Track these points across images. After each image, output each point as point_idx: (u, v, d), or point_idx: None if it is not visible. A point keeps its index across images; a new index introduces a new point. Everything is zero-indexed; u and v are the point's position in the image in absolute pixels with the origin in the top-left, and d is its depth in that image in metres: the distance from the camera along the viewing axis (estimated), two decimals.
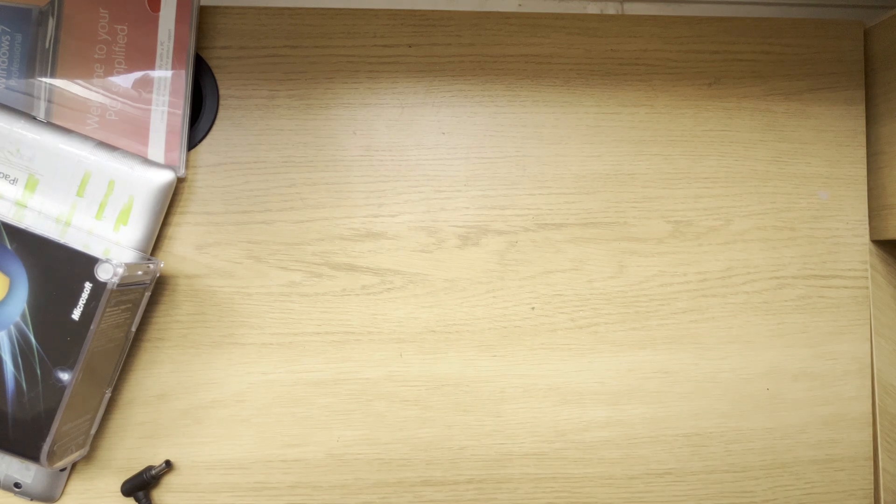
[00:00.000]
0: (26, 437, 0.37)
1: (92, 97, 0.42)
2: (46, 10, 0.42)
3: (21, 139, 0.40)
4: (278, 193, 0.44)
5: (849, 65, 0.47)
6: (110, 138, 0.42)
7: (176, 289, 0.44)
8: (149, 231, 0.42)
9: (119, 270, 0.36)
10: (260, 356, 0.44)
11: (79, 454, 0.41)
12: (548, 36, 0.46)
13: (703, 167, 0.47)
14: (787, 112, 0.47)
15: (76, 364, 0.36)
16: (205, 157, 0.44)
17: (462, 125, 0.45)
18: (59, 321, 0.36)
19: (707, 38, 0.47)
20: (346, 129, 0.45)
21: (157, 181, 0.41)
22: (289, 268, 0.44)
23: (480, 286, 0.45)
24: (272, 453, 0.44)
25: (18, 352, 0.37)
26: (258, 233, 0.44)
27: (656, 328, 0.46)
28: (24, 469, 0.42)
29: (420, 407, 0.45)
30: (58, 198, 0.40)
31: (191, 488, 0.44)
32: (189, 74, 0.42)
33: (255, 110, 0.45)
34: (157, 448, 0.44)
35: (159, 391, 0.44)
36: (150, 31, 0.42)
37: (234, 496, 0.44)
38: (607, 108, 0.46)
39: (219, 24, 0.45)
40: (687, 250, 0.46)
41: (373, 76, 0.45)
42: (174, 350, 0.44)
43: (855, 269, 0.47)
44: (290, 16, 0.45)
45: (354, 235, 0.45)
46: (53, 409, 0.37)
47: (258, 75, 0.45)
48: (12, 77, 0.41)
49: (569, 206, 0.46)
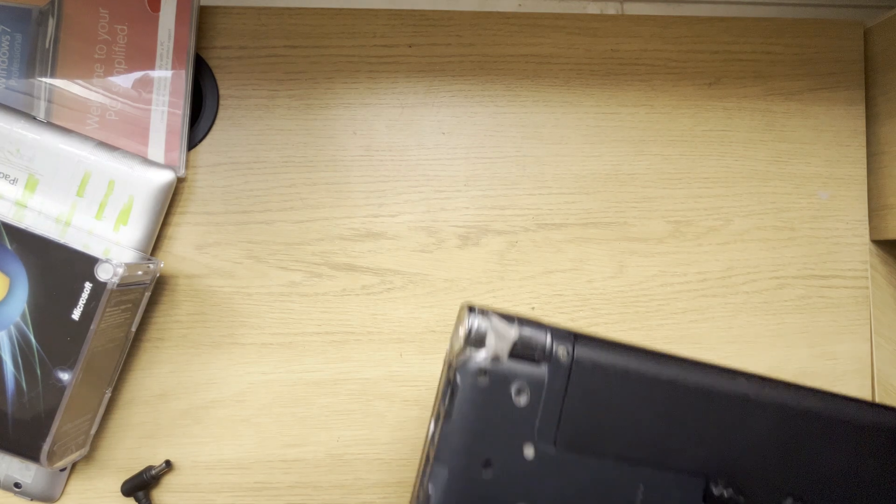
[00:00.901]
0: (26, 437, 0.37)
1: (92, 97, 0.42)
2: (46, 10, 0.42)
3: (21, 139, 0.40)
4: (278, 193, 0.44)
5: (849, 65, 0.47)
6: (110, 138, 0.42)
7: (176, 289, 0.44)
8: (149, 231, 0.42)
9: (119, 270, 0.36)
10: (260, 356, 0.44)
11: (79, 454, 0.41)
12: (548, 36, 0.46)
13: (703, 167, 0.47)
14: (787, 112, 0.47)
15: (76, 364, 0.36)
16: (205, 157, 0.44)
17: (462, 125, 0.45)
18: (59, 321, 0.36)
19: (707, 38, 0.47)
20: (346, 129, 0.45)
21: (157, 181, 0.41)
22: (289, 268, 0.44)
23: (480, 286, 0.45)
24: (272, 453, 0.44)
25: (18, 352, 0.37)
26: (258, 233, 0.44)
27: (656, 328, 0.46)
28: (24, 469, 0.42)
29: (420, 407, 0.45)
30: (58, 198, 0.40)
31: (191, 488, 0.44)
32: (189, 74, 0.42)
33: (255, 110, 0.45)
34: (157, 448, 0.44)
35: (159, 391, 0.44)
36: (150, 31, 0.42)
37: (234, 496, 0.44)
38: (607, 108, 0.46)
39: (219, 24, 0.45)
40: (687, 250, 0.46)
41: (373, 76, 0.45)
42: (174, 350, 0.44)
43: (855, 269, 0.47)
44: (290, 16, 0.45)
45: (354, 235, 0.45)
46: (53, 409, 0.37)
47: (258, 75, 0.45)
48: (12, 77, 0.41)
49: (569, 206, 0.46)
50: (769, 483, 0.29)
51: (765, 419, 0.29)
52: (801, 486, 0.29)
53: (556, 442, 0.27)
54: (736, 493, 0.29)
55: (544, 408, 0.27)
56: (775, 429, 0.29)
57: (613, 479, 0.28)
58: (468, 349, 0.27)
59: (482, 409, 0.26)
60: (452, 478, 0.26)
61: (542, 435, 0.27)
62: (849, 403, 0.30)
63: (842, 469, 0.30)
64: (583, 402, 0.27)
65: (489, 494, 0.26)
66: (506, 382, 0.27)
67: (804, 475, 0.29)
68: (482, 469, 0.26)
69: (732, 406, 0.29)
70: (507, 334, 0.27)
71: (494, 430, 0.26)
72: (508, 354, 0.27)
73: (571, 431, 0.27)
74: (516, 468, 0.26)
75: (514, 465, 0.26)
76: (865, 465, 0.30)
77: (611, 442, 0.28)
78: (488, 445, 0.26)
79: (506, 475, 0.26)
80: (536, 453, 0.27)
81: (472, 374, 0.26)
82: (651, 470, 0.28)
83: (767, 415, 0.29)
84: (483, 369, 0.26)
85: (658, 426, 0.28)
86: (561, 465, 0.27)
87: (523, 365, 0.27)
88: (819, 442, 0.29)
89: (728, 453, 0.29)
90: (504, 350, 0.27)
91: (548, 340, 0.27)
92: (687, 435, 0.29)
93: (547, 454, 0.27)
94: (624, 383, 0.28)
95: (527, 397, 0.27)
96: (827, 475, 0.30)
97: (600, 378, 0.28)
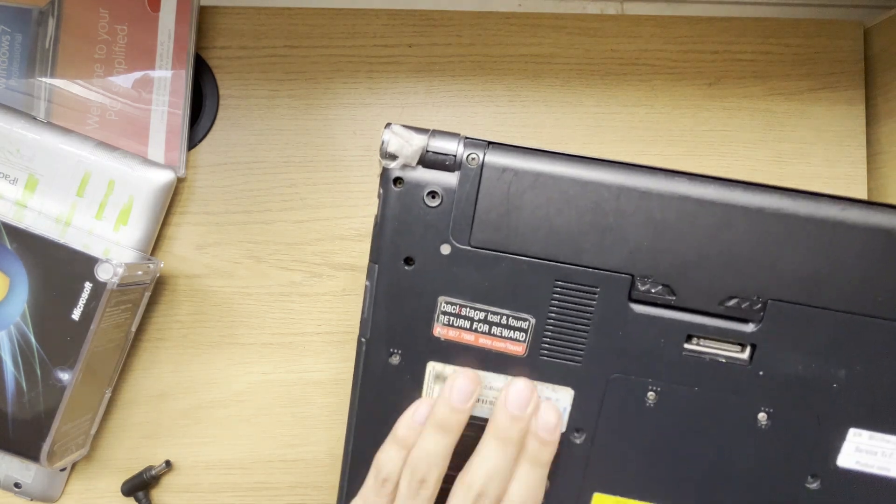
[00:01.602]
0: (26, 437, 0.37)
1: (92, 97, 0.42)
2: (46, 10, 0.42)
3: (21, 139, 0.40)
4: (278, 193, 0.44)
5: (849, 65, 0.47)
6: (110, 138, 0.42)
7: (176, 289, 0.44)
8: (149, 231, 0.42)
9: (119, 270, 0.36)
10: (260, 356, 0.44)
11: (79, 454, 0.41)
12: (548, 36, 0.46)
13: (704, 167, 0.47)
14: (787, 112, 0.47)
15: (76, 364, 0.36)
16: (205, 157, 0.44)
17: (462, 125, 0.45)
18: (59, 321, 0.36)
19: (707, 38, 0.47)
20: (346, 129, 0.45)
21: (157, 181, 0.41)
22: (289, 268, 0.44)
23: None
24: (272, 453, 0.44)
25: (18, 352, 0.37)
26: (258, 233, 0.44)
27: None
28: (24, 469, 0.42)
29: None
30: (58, 198, 0.40)
31: (191, 488, 0.44)
32: (189, 74, 0.42)
33: (255, 110, 0.45)
34: (157, 448, 0.44)
35: (159, 391, 0.44)
36: (150, 31, 0.42)
37: (234, 496, 0.44)
38: (607, 108, 0.46)
39: (219, 24, 0.45)
40: None
41: (373, 76, 0.45)
42: (174, 350, 0.44)
43: None
44: (290, 16, 0.45)
45: (354, 235, 0.45)
46: (53, 409, 0.37)
47: (258, 75, 0.45)
48: (12, 77, 0.41)
49: None
50: (708, 283, 0.29)
51: (706, 218, 0.28)
52: (747, 288, 0.29)
53: (469, 241, 0.29)
54: (666, 291, 0.29)
55: (457, 210, 0.29)
56: (717, 228, 0.28)
57: (527, 273, 0.29)
58: (385, 160, 0.29)
59: (401, 213, 0.29)
60: (382, 272, 0.30)
61: (457, 235, 0.29)
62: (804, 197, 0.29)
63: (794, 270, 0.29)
64: (495, 205, 0.29)
65: (412, 285, 0.30)
66: (419, 188, 0.29)
67: (750, 276, 0.29)
68: (405, 265, 0.30)
69: (665, 206, 0.29)
70: (417, 143, 0.29)
71: (413, 230, 0.30)
72: (419, 162, 0.29)
73: (484, 231, 0.29)
74: (434, 264, 0.30)
75: (432, 261, 0.30)
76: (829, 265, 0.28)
77: (525, 241, 0.29)
78: (409, 244, 0.30)
79: (426, 270, 0.30)
80: (452, 251, 0.30)
81: (389, 182, 0.29)
82: (570, 267, 0.29)
83: (708, 213, 0.28)
84: (398, 177, 0.29)
85: (577, 227, 0.29)
86: (476, 261, 0.29)
87: (436, 172, 0.29)
88: (774, 243, 0.28)
89: (660, 254, 0.29)
90: (414, 157, 0.29)
91: (459, 148, 0.29)
92: (611, 236, 0.29)
93: (461, 252, 0.29)
94: (538, 185, 0.29)
95: (440, 201, 0.29)
96: (784, 276, 0.29)
97: (513, 181, 0.29)
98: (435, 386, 0.31)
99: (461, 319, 0.30)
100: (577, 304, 0.30)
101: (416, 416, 0.30)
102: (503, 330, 0.30)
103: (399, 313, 0.31)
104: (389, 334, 0.31)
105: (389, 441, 0.30)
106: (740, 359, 0.30)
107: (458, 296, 0.30)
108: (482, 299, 0.30)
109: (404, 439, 0.30)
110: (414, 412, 0.30)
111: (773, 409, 0.30)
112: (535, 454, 0.29)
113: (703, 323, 0.29)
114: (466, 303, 0.30)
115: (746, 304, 0.29)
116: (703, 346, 0.30)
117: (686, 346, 0.30)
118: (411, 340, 0.31)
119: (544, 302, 0.30)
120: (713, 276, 0.29)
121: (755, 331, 0.29)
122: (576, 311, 0.30)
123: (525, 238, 0.29)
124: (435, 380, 0.31)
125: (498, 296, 0.30)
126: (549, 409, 0.30)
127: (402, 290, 0.30)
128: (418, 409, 0.30)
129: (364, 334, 0.32)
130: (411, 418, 0.30)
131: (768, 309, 0.29)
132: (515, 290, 0.30)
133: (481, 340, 0.30)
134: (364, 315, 0.31)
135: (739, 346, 0.30)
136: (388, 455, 0.30)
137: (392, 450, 0.30)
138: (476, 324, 0.30)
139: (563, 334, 0.30)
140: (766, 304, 0.29)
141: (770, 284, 0.29)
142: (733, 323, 0.29)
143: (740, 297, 0.29)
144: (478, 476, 0.28)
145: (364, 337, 0.32)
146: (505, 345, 0.30)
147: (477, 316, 0.30)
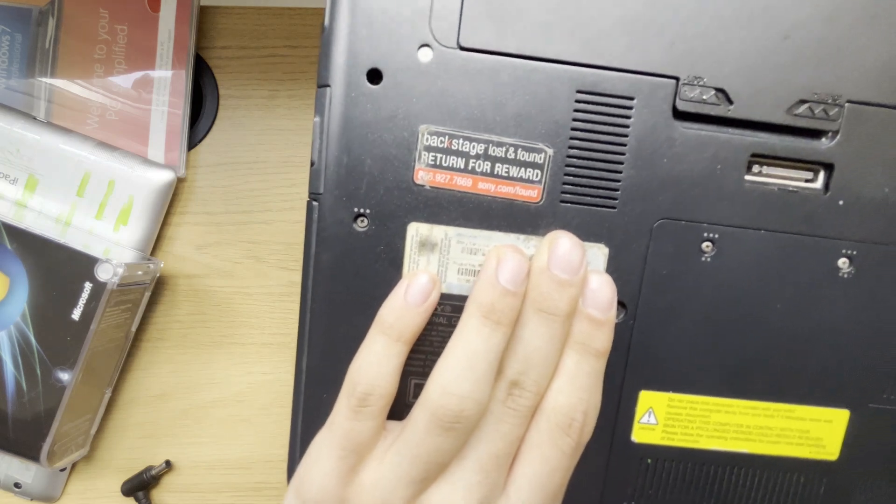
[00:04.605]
0: (26, 437, 0.37)
1: (92, 97, 0.42)
2: (46, 10, 0.42)
3: (21, 139, 0.40)
4: (278, 193, 0.44)
5: None
6: (110, 138, 0.42)
7: (176, 289, 0.44)
8: (149, 231, 0.42)
9: (119, 270, 0.36)
10: (260, 356, 0.44)
11: (79, 454, 0.41)
12: None
13: None
14: None
15: (76, 364, 0.36)
16: (205, 157, 0.44)
17: None
18: (59, 321, 0.36)
19: None
20: None
21: (157, 181, 0.41)
22: (289, 268, 0.44)
23: None
24: (272, 453, 0.44)
25: (18, 352, 0.37)
26: (258, 233, 0.44)
27: None
28: (24, 469, 0.42)
29: None
30: (58, 198, 0.40)
31: (191, 488, 0.44)
32: (189, 74, 0.42)
33: (255, 110, 0.45)
34: (157, 448, 0.44)
35: (159, 391, 0.44)
36: (150, 31, 0.42)
37: (234, 496, 0.44)
38: None
39: (219, 24, 0.45)
40: None
41: None
42: (174, 350, 0.44)
43: None
44: (290, 16, 0.45)
45: None
46: (53, 409, 0.37)
47: (258, 75, 0.45)
48: (12, 77, 0.41)
49: None
50: (772, 84, 0.22)
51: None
52: (820, 86, 0.23)
53: (458, 41, 0.22)
54: (721, 98, 0.23)
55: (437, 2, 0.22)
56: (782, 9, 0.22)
57: (539, 84, 0.22)
58: None
59: (360, 5, 0.22)
60: (336, 97, 0.22)
61: (440, 33, 0.22)
62: None
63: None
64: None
65: (380, 111, 0.22)
66: None
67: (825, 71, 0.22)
68: (369, 83, 0.22)
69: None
70: None
71: (377, 31, 0.22)
72: None
73: (478, 26, 0.22)
74: (411, 78, 0.22)
75: (407, 74, 0.22)
76: None
77: (534, 37, 0.22)
78: (373, 51, 0.22)
79: (399, 88, 0.22)
80: (434, 56, 0.22)
81: None
82: (596, 71, 0.22)
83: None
84: None
85: (603, 14, 0.22)
86: (468, 70, 0.22)
87: None
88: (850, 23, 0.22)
89: (712, 47, 0.22)
90: None
91: None
92: (650, 26, 0.22)
93: (447, 57, 0.22)
94: None
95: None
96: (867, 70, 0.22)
97: None
98: (420, 258, 0.23)
99: (452, 156, 0.22)
100: (607, 123, 0.23)
101: (412, 294, 0.22)
102: (510, 167, 0.22)
103: (364, 155, 0.22)
104: (351, 188, 0.22)
105: (374, 335, 0.22)
106: (813, 188, 0.23)
107: (446, 122, 0.22)
108: (480, 126, 0.22)
109: (395, 327, 0.21)
110: (406, 289, 0.22)
111: (855, 252, 0.23)
112: (587, 339, 0.22)
113: (769, 141, 0.23)
114: (458, 131, 0.22)
115: (820, 108, 0.23)
116: (767, 175, 0.24)
117: (747, 178, 0.23)
118: (383, 194, 0.22)
119: (564, 124, 0.22)
120: (778, 73, 0.22)
121: (832, 145, 0.23)
122: (606, 133, 0.23)
123: (534, 33, 0.22)
124: (420, 249, 0.23)
125: (501, 119, 0.22)
126: (600, 279, 0.22)
127: (366, 120, 0.22)
128: (413, 282, 0.22)
129: (315, 189, 0.23)
130: (403, 298, 0.22)
131: (847, 114, 0.23)
132: (524, 108, 0.22)
133: (481, 185, 0.22)
134: (313, 163, 0.23)
135: (812, 171, 0.24)
136: (373, 356, 0.21)
137: (379, 344, 0.21)
138: (473, 161, 0.22)
139: (590, 168, 0.23)
140: (843, 107, 0.23)
141: (849, 81, 0.23)
142: (804, 140, 0.23)
143: (812, 100, 0.23)
144: (512, 361, 0.21)
145: (314, 194, 0.23)
146: (514, 188, 0.22)
147: (474, 150, 0.22)
